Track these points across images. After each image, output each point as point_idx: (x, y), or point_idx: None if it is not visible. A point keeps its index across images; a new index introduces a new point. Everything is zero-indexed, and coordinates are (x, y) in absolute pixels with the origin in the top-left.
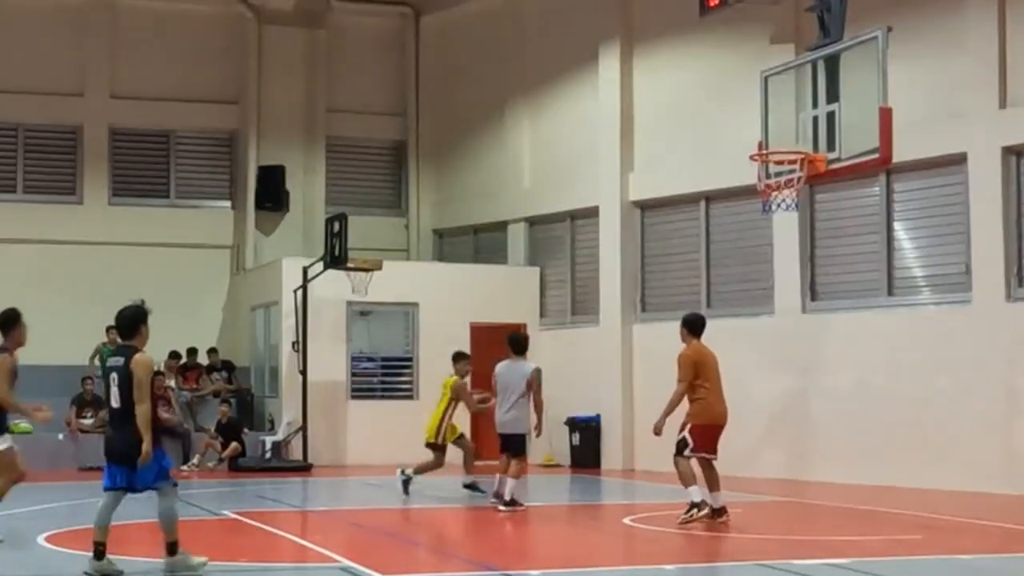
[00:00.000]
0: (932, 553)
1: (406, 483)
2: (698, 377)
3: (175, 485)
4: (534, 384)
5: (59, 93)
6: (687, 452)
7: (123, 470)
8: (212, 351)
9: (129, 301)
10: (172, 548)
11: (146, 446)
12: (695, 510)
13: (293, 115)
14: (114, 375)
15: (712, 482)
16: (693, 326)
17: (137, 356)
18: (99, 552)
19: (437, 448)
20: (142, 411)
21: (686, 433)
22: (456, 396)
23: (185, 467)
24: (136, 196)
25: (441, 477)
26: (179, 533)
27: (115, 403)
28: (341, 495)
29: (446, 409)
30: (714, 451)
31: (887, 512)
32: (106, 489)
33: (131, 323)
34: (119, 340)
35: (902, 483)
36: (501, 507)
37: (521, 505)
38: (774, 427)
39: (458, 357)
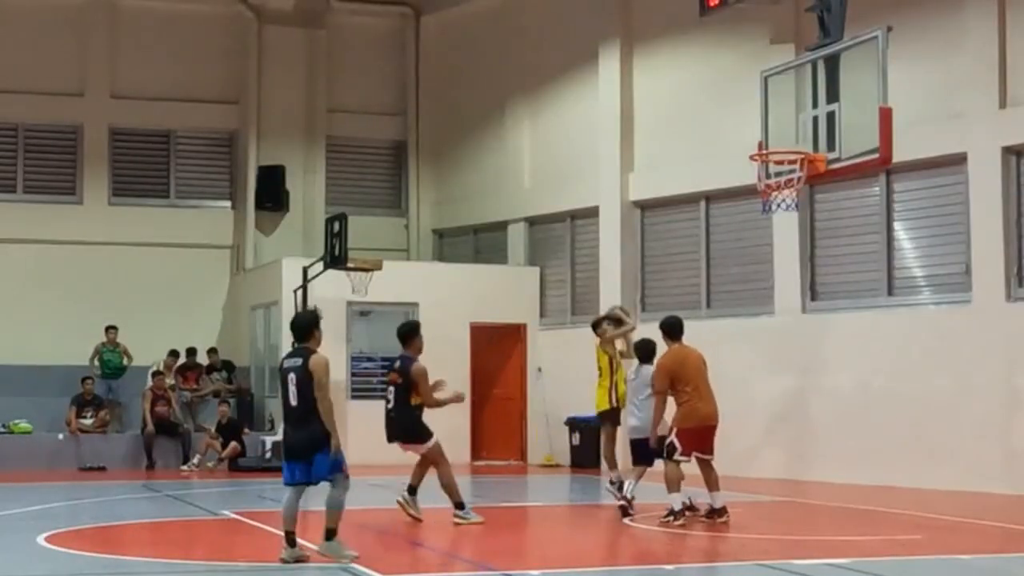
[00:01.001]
0: (932, 553)
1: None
2: (679, 382)
3: (347, 477)
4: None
5: (59, 93)
6: (676, 456)
7: (300, 465)
8: (212, 351)
9: (306, 307)
10: (330, 534)
11: (334, 441)
12: (671, 517)
13: (293, 115)
14: (292, 376)
15: (711, 482)
16: (671, 330)
17: (314, 357)
18: (291, 540)
19: None
20: (325, 408)
21: (673, 437)
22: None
23: (185, 467)
24: (136, 196)
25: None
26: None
27: (293, 402)
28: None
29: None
30: (708, 451)
31: (887, 512)
32: (287, 484)
33: (306, 327)
34: (299, 342)
35: (902, 483)
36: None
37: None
38: (774, 427)
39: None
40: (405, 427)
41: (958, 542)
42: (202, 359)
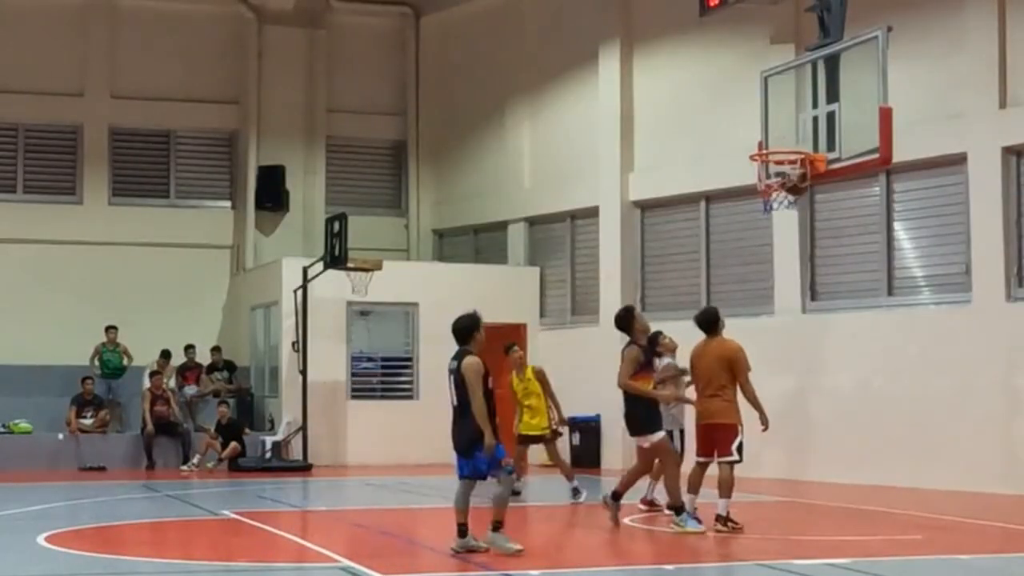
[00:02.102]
0: (932, 553)
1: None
2: (693, 379)
3: (510, 473)
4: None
5: (59, 93)
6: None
7: (465, 461)
8: (215, 349)
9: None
10: (497, 526)
11: (488, 438)
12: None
13: (293, 115)
14: (452, 376)
15: (692, 484)
16: (699, 326)
17: (466, 359)
18: (462, 531)
19: None
20: (476, 408)
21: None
22: None
23: (185, 467)
24: (136, 196)
25: (451, 476)
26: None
27: (453, 401)
28: (341, 495)
29: None
30: (701, 452)
31: (887, 512)
32: (459, 478)
33: (464, 330)
34: (460, 345)
35: (902, 483)
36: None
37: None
38: (774, 427)
39: None
40: (635, 419)
41: (958, 542)
42: (204, 358)
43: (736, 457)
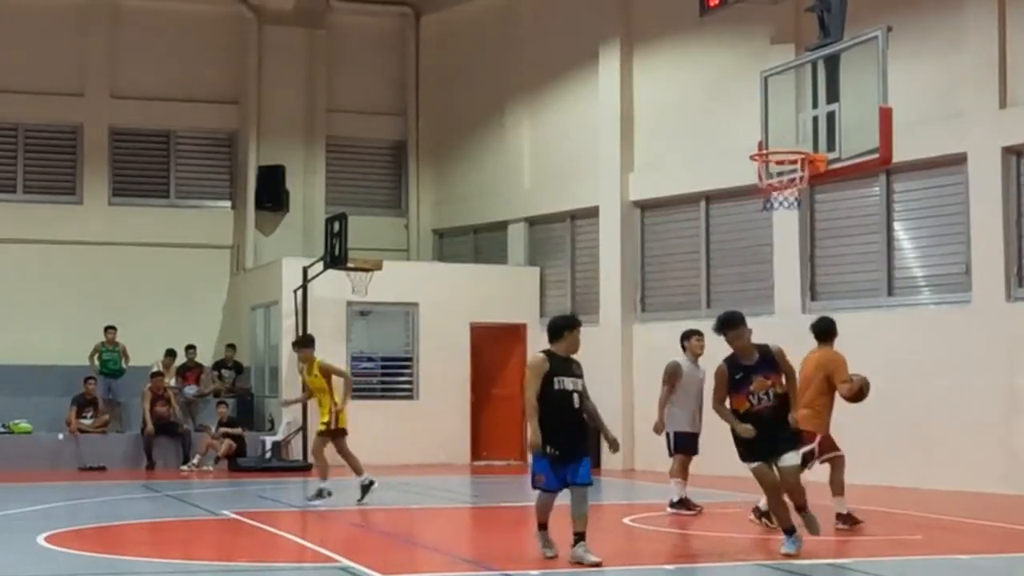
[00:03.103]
0: (932, 553)
1: None
2: None
3: (535, 484)
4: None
5: (59, 93)
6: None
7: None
8: (230, 346)
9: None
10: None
11: (530, 438)
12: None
13: (293, 115)
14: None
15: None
16: (813, 334)
17: (530, 357)
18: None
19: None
20: (526, 405)
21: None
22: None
23: (185, 467)
24: (136, 196)
25: (451, 475)
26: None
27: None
28: (341, 495)
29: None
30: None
31: (887, 512)
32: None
33: (553, 329)
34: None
35: (902, 483)
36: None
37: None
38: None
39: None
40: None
41: (959, 542)
42: (204, 357)
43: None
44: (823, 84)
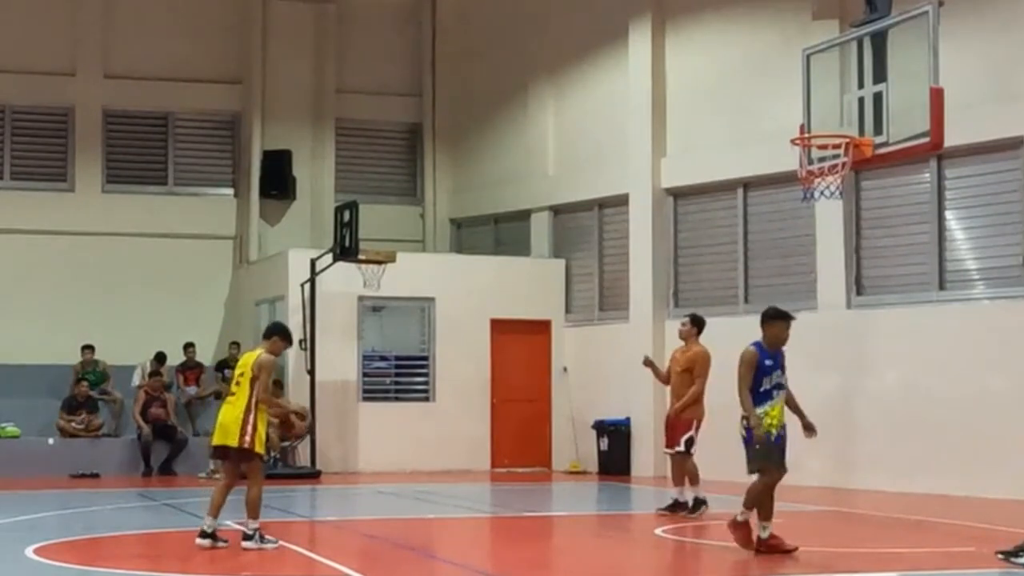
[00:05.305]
0: (986, 567)
1: None
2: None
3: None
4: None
5: (49, 72)
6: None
7: None
8: (234, 344)
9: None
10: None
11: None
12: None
13: (300, 96)
14: None
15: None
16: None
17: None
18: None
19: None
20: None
21: (693, 432)
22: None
23: (203, 474)
24: (132, 183)
25: (471, 483)
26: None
27: None
28: (352, 504)
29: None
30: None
31: (938, 522)
32: None
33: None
34: None
35: (954, 491)
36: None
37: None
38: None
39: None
40: None
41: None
42: (204, 357)
43: None
44: (869, 63)
